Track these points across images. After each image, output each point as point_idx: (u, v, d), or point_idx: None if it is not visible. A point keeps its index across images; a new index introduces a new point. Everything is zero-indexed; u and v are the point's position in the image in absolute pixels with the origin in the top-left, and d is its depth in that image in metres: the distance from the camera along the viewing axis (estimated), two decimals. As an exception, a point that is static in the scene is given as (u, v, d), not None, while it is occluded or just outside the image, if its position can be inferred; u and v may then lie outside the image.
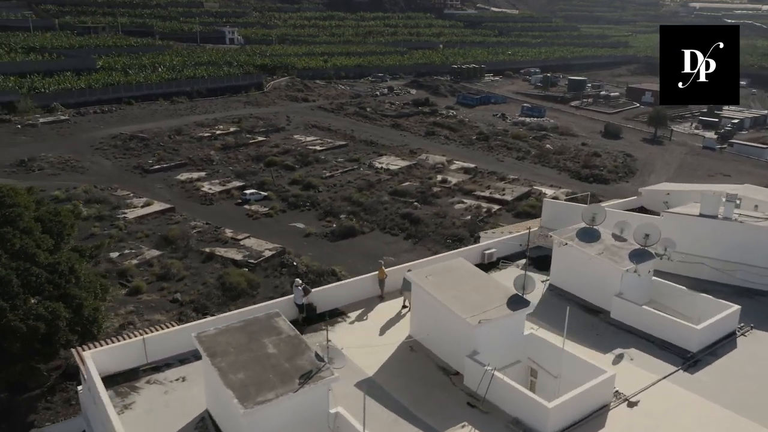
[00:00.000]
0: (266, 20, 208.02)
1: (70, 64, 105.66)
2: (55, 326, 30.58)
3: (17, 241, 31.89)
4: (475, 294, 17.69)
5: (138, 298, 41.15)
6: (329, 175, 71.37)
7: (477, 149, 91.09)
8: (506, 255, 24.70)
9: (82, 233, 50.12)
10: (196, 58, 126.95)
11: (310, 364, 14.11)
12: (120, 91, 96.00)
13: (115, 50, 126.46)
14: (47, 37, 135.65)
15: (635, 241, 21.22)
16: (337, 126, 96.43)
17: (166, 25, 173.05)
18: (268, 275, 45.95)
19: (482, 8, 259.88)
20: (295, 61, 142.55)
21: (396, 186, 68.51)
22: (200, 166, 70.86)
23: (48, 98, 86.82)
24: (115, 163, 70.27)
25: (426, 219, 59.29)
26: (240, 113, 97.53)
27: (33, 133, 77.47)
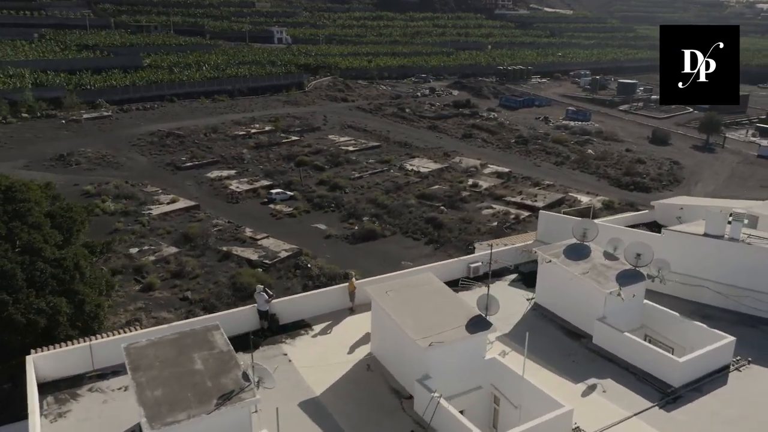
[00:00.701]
0: (315, 20, 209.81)
1: (119, 61, 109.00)
2: (56, 321, 31.06)
3: (25, 236, 32.52)
4: (435, 313, 16.61)
5: (149, 295, 41.56)
6: (358, 176, 70.83)
7: (514, 153, 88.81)
8: (495, 269, 23.40)
9: (107, 228, 51.28)
10: (240, 57, 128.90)
11: (234, 383, 13.39)
12: (163, 88, 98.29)
13: (164, 49, 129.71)
14: (102, 35, 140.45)
15: (626, 261, 19.63)
16: (373, 127, 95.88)
17: (216, 25, 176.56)
18: (282, 276, 45.69)
19: (535, 8, 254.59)
20: (338, 61, 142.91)
21: (424, 189, 67.35)
22: (231, 164, 71.55)
23: (93, 95, 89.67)
24: (149, 160, 71.76)
25: (450, 224, 57.94)
26: (278, 112, 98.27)
27: (76, 128, 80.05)
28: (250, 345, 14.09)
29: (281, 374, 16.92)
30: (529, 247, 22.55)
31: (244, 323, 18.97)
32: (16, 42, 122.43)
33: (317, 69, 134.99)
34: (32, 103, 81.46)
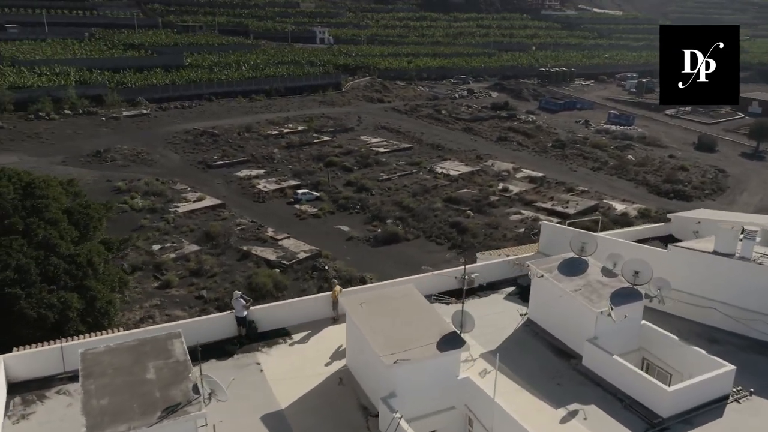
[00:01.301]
0: (359, 20, 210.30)
1: (162, 61, 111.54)
2: (66, 316, 31.62)
3: (41, 231, 33.22)
4: (408, 328, 15.89)
5: (166, 292, 42.07)
6: (386, 178, 70.33)
7: (550, 157, 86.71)
8: (492, 281, 22.49)
9: (133, 224, 52.30)
10: (280, 57, 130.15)
11: (183, 395, 13.01)
12: (202, 87, 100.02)
13: (207, 48, 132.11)
14: (149, 34, 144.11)
15: (624, 278, 18.45)
16: (407, 128, 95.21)
17: (260, 25, 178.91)
18: (298, 278, 45.61)
19: (583, 9, 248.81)
20: (377, 62, 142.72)
21: (452, 193, 66.35)
22: (261, 163, 72.10)
23: (134, 93, 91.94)
24: (182, 158, 73.00)
25: (475, 229, 56.82)
26: (313, 112, 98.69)
27: (115, 125, 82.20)
28: (198, 357, 13.63)
29: (249, 385, 16.58)
30: (523, 260, 21.52)
31: (222, 330, 18.65)
32: (67, 41, 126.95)
33: (356, 69, 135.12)
34: (75, 100, 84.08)
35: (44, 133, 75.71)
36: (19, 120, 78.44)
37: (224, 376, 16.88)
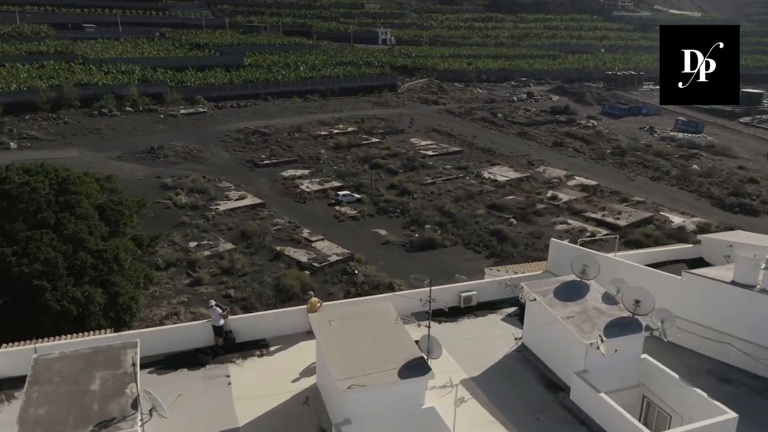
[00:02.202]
0: (423, 21, 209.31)
1: (223, 60, 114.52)
2: (88, 310, 32.45)
3: (71, 226, 34.29)
4: (373, 350, 15.01)
5: (195, 290, 42.65)
6: (430, 181, 69.17)
7: (607, 165, 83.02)
8: (493, 300, 21.21)
9: (174, 220, 53.53)
10: (339, 58, 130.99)
11: (120, 410, 12.68)
12: (258, 87, 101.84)
13: (269, 48, 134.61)
14: (215, 34, 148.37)
15: (625, 307, 16.87)
16: (459, 131, 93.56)
17: (324, 26, 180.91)
18: (327, 281, 45.28)
19: (659, 10, 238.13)
20: (437, 63, 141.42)
21: (496, 199, 64.46)
22: (307, 163, 72.47)
23: (193, 91, 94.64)
24: (232, 156, 74.39)
25: (516, 238, 54.89)
26: (365, 113, 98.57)
27: (172, 123, 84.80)
28: (136, 371, 13.21)
29: (212, 399, 16.14)
30: (522, 280, 20.09)
31: (199, 338, 18.35)
32: (138, 40, 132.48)
33: (414, 70, 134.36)
34: (136, 97, 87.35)
35: (105, 129, 78.97)
36: (84, 116, 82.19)
37: (191, 388, 16.68)
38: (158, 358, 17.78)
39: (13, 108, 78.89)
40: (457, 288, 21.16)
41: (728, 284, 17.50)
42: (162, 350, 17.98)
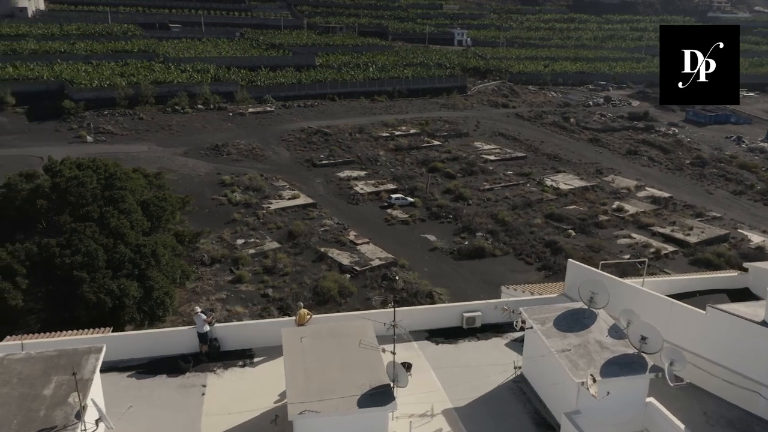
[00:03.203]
0: (502, 22, 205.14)
1: (295, 60, 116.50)
2: (122, 303, 33.35)
3: (114, 221, 35.39)
4: (339, 373, 14.07)
5: (236, 287, 43.15)
6: (488, 187, 67.12)
7: (684, 176, 77.82)
8: (500, 322, 19.67)
9: (226, 217, 54.59)
10: (410, 59, 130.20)
11: (64, 419, 12.42)
12: (327, 87, 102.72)
13: (342, 49, 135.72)
14: (292, 35, 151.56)
15: (631, 343, 15.07)
16: (526, 136, 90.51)
17: (400, 26, 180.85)
18: (366, 285, 44.68)
19: (759, 12, 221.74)
20: (511, 65, 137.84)
21: (556, 208, 61.62)
22: (364, 165, 72.19)
23: (262, 91, 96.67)
24: (292, 155, 75.27)
25: (572, 251, 52.04)
26: (431, 115, 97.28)
27: (239, 121, 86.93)
28: (75, 380, 12.86)
29: (180, 411, 15.71)
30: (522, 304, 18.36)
31: (186, 344, 18.06)
32: (219, 40, 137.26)
33: (486, 72, 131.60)
34: (208, 96, 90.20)
35: (175, 126, 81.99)
36: (157, 112, 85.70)
37: (163, 396, 16.39)
38: (143, 361, 17.65)
39: (94, 103, 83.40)
40: (460, 308, 19.80)
41: (758, 324, 15.26)
42: (147, 354, 17.84)
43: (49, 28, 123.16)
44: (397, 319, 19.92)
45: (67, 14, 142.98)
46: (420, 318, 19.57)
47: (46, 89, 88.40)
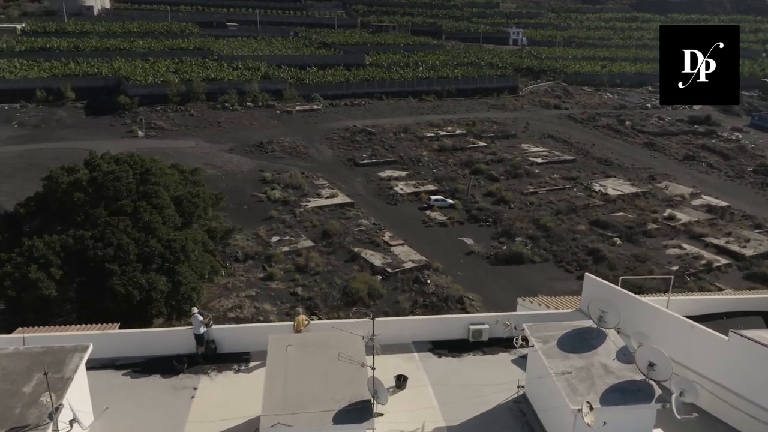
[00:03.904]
0: (560, 21, 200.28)
1: (345, 59, 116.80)
2: (150, 296, 33.87)
3: (146, 215, 36.03)
4: (320, 386, 13.50)
5: (266, 284, 43.31)
6: (531, 191, 65.22)
7: (745, 184, 73.62)
8: (511, 336, 18.62)
9: (263, 214, 55.02)
10: (461, 58, 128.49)
11: (36, 418, 12.35)
12: (374, 86, 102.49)
13: (393, 48, 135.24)
14: (345, 34, 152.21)
15: (638, 368, 13.89)
16: (577, 138, 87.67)
17: (454, 25, 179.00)
18: (397, 288, 44.03)
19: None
20: (567, 65, 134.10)
21: (603, 215, 59.21)
22: (406, 165, 71.48)
23: (310, 89, 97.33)
24: (334, 154, 75.35)
25: (616, 260, 50.07)
26: (479, 116, 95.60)
27: (286, 118, 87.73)
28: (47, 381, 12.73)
29: (165, 415, 15.47)
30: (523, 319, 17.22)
31: (183, 345, 17.88)
32: (273, 39, 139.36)
33: (540, 73, 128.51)
34: (257, 93, 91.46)
35: (224, 122, 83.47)
36: (207, 109, 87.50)
37: (153, 398, 16.23)
38: (140, 360, 17.59)
39: (148, 99, 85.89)
40: (467, 319, 18.89)
41: (785, 355, 13.80)
42: (146, 352, 17.78)
43: (111, 26, 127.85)
44: (406, 329, 19.34)
45: (131, 13, 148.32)
46: (424, 328, 18.79)
47: (105, 85, 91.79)
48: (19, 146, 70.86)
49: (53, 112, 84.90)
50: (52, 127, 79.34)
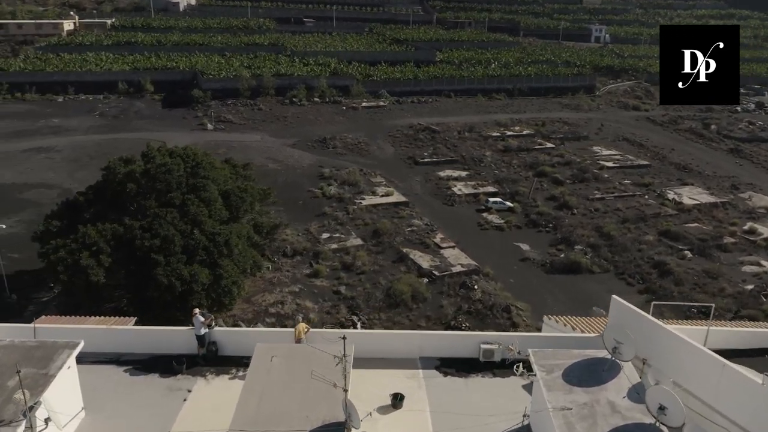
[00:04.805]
0: (648, 18, 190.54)
1: (415, 56, 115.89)
2: (191, 288, 34.45)
3: (193, 208, 36.73)
4: (295, 403, 12.84)
5: (311, 281, 43.22)
6: (598, 197, 62.00)
7: (843, 198, 66.69)
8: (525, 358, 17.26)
9: (317, 210, 55.17)
10: (536, 56, 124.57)
11: (12, 414, 12.40)
12: (443, 84, 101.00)
13: (466, 44, 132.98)
14: (419, 30, 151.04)
15: (648, 410, 12.36)
16: (655, 142, 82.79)
17: (533, 22, 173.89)
18: (443, 292, 42.81)
19: None
20: (650, 64, 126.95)
21: (674, 225, 55.40)
22: (467, 165, 69.80)
23: (378, 85, 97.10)
24: (396, 151, 74.68)
25: (683, 275, 46.68)
26: (550, 116, 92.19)
27: (351, 115, 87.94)
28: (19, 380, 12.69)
29: (153, 416, 15.30)
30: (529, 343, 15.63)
31: (187, 344, 17.75)
32: (347, 35, 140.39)
33: (621, 72, 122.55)
34: (325, 89, 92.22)
35: (290, 117, 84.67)
36: (276, 104, 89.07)
37: (150, 396, 16.17)
38: (143, 357, 17.60)
39: (221, 93, 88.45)
40: (478, 337, 17.66)
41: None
42: (150, 350, 17.78)
43: (193, 22, 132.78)
44: (414, 343, 18.36)
45: (214, 9, 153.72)
46: (433, 344, 17.75)
47: (182, 78, 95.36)
48: (98, 136, 74.69)
49: (132, 103, 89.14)
50: (130, 118, 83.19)
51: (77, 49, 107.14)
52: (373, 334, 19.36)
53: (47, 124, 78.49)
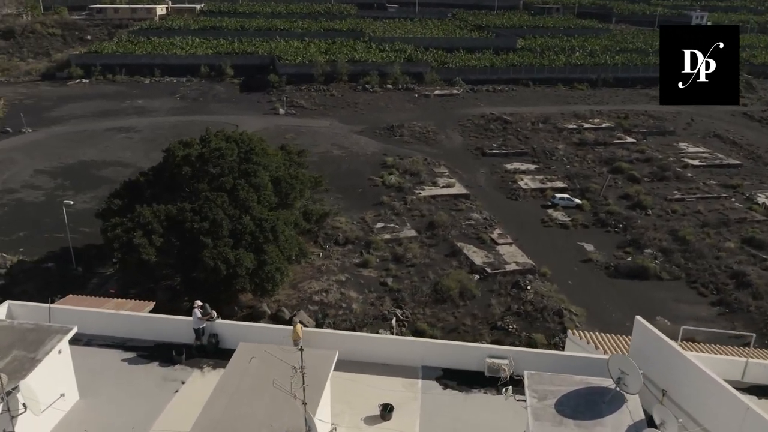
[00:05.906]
0: (757, 4, 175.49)
1: (495, 42, 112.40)
2: (235, 272, 34.94)
3: (243, 193, 37.23)
4: (264, 409, 12.32)
5: (359, 271, 42.89)
6: (678, 197, 57.77)
7: None
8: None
9: (375, 199, 54.73)
10: (625, 44, 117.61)
11: (-2, 407, 12.68)
12: (521, 72, 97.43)
13: (551, 31, 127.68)
14: (503, 16, 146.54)
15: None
16: (751, 140, 76.22)
17: (627, 7, 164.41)
18: (493, 290, 41.30)
19: None
20: (755, 55, 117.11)
21: (760, 232, 50.75)
22: (537, 158, 67.00)
23: (452, 73, 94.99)
24: (464, 141, 72.85)
25: (765, 288, 42.53)
26: (634, 108, 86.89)
27: (422, 102, 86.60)
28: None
29: (142, 404, 15.34)
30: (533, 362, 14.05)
31: (190, 335, 17.72)
32: (428, 21, 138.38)
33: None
34: (398, 76, 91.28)
35: (361, 104, 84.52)
36: (348, 90, 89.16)
37: (145, 384, 16.26)
38: (148, 344, 17.76)
39: (296, 78, 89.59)
40: (485, 350, 16.46)
41: None
42: (156, 337, 17.94)
43: (276, 7, 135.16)
44: (416, 351, 17.44)
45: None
46: (436, 353, 16.75)
47: (260, 63, 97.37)
48: (176, 117, 77.69)
49: (212, 86, 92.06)
50: (209, 101, 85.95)
51: (166, 33, 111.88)
52: (375, 338, 18.57)
53: (132, 105, 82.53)
